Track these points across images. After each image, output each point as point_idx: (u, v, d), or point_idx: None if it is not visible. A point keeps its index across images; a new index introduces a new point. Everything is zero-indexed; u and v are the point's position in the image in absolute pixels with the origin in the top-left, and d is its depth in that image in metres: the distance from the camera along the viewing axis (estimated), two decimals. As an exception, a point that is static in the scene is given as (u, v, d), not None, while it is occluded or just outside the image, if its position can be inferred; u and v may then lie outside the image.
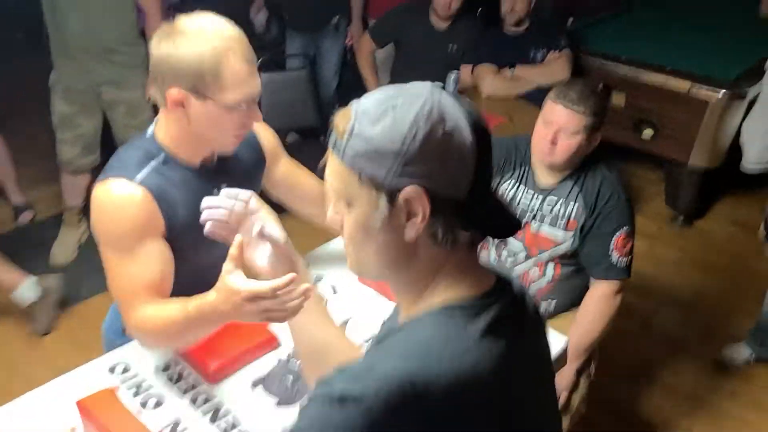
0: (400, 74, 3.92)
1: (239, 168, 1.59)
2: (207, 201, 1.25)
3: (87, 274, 3.29)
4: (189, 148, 1.47)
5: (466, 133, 0.83)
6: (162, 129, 1.48)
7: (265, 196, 1.72)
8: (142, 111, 3.21)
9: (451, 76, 3.46)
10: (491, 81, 3.51)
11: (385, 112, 0.84)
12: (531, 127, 2.17)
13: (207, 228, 1.24)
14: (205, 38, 1.33)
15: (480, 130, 0.85)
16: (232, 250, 1.16)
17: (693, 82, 3.36)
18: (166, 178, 1.45)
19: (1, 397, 1.45)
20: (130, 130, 3.22)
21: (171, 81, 1.36)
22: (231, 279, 1.17)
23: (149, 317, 1.38)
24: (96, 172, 3.29)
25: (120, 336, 1.71)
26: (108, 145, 3.36)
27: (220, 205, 1.24)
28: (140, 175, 1.42)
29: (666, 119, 3.49)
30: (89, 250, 3.39)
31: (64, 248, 3.39)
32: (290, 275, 1.14)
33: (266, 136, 1.69)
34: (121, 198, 1.40)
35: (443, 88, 0.87)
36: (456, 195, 0.84)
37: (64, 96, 3.10)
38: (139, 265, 1.41)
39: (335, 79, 4.31)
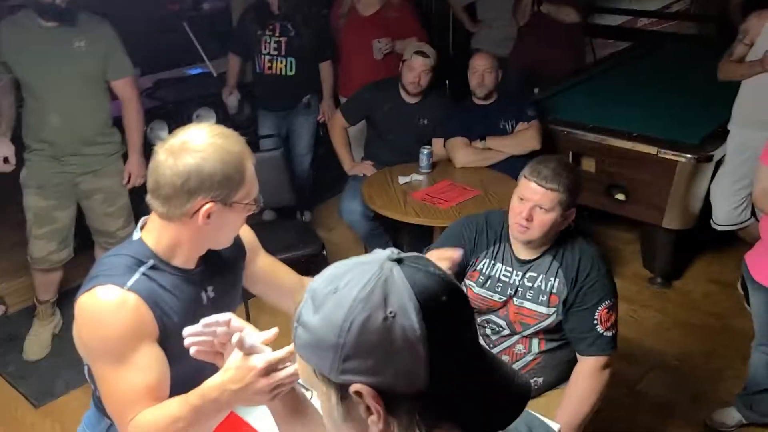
0: (372, 149, 3.97)
1: (224, 266, 1.58)
2: (188, 330, 1.24)
3: (61, 369, 3.20)
4: (188, 253, 1.46)
5: (412, 317, 0.72)
6: (153, 235, 1.45)
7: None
8: (120, 197, 3.21)
9: (424, 151, 3.51)
10: (463, 153, 3.56)
11: (327, 297, 0.76)
12: (505, 198, 2.19)
13: (192, 352, 1.24)
14: (224, 148, 1.37)
15: (433, 309, 0.73)
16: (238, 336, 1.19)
17: (659, 147, 3.42)
18: (156, 283, 1.42)
19: None
20: (107, 217, 3.21)
21: (201, 194, 1.36)
22: (243, 357, 1.19)
23: (149, 422, 1.34)
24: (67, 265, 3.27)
25: None
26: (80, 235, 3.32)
27: (203, 331, 1.23)
28: (130, 282, 1.38)
29: (636, 183, 3.54)
30: (62, 343, 3.31)
31: (37, 343, 3.29)
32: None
33: (245, 231, 1.68)
34: (111, 304, 1.36)
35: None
36: (413, 389, 0.73)
37: (39, 192, 3.06)
38: (136, 373, 1.36)
39: (309, 155, 4.35)
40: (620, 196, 3.64)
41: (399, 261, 0.77)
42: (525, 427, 0.90)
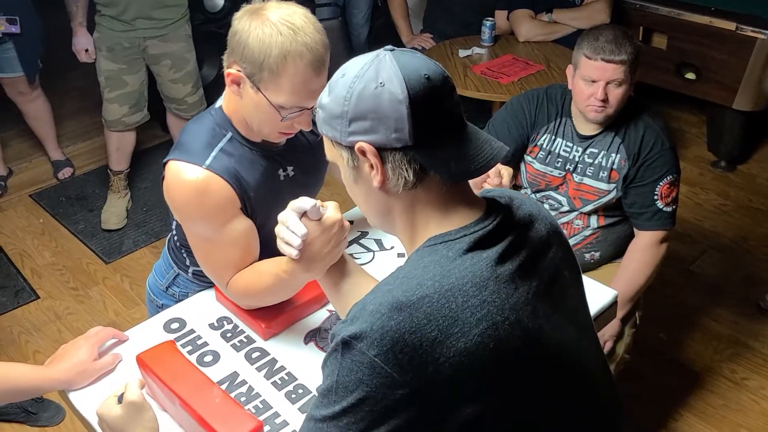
0: (432, 20, 3.85)
1: (307, 147, 1.58)
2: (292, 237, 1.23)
3: (128, 233, 3.37)
4: (243, 125, 1.45)
5: (397, 86, 0.90)
6: (226, 101, 1.46)
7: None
8: (187, 63, 3.25)
9: (486, 23, 3.39)
10: (528, 26, 3.43)
11: (336, 81, 0.96)
12: (571, 74, 2.13)
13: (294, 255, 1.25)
14: (279, 34, 1.29)
15: (416, 80, 0.91)
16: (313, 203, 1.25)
17: (738, 23, 3.24)
18: (234, 158, 1.43)
19: (53, 350, 1.49)
20: (174, 84, 3.26)
21: (235, 58, 1.35)
22: (317, 224, 1.24)
23: (244, 288, 1.46)
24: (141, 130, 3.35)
25: (162, 296, 1.74)
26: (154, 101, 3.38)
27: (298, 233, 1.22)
28: (208, 160, 1.40)
29: (709, 61, 3.39)
30: (132, 212, 3.46)
31: (116, 213, 3.41)
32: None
33: None
34: (192, 186, 1.39)
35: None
36: (400, 142, 0.92)
37: (109, 56, 3.11)
38: (225, 245, 1.43)
39: (366, 27, 4.24)
40: (690, 75, 3.50)
41: (392, 50, 0.95)
42: (535, 207, 1.05)
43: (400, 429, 0.87)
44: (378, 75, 0.92)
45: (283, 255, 1.29)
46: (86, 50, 3.15)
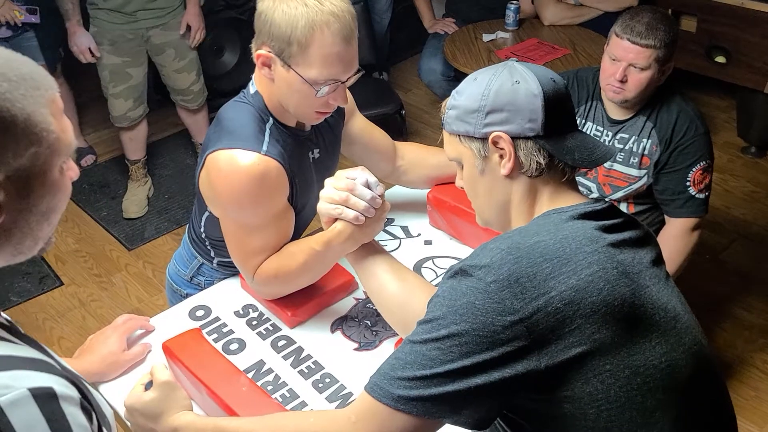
0: (455, 4, 3.80)
1: (328, 128, 1.56)
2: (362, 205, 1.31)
3: (150, 220, 3.37)
4: (279, 110, 1.42)
5: (532, 83, 1.01)
6: (259, 84, 1.43)
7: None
8: (189, 51, 3.22)
9: (511, 7, 3.34)
10: (553, 9, 3.38)
11: (469, 84, 1.06)
12: (595, 57, 2.09)
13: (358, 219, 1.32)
14: (304, 5, 1.26)
15: (545, 81, 1.02)
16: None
17: (772, 4, 3.16)
18: (280, 143, 1.41)
19: (78, 336, 1.48)
20: (178, 74, 3.23)
21: (263, 39, 1.32)
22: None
23: (276, 269, 1.43)
24: (149, 120, 3.34)
25: (186, 286, 1.72)
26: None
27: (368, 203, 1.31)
28: (264, 146, 1.37)
29: (741, 44, 3.31)
30: (154, 202, 3.46)
31: (136, 202, 3.41)
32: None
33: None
34: (252, 172, 1.34)
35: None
36: (533, 132, 1.01)
37: (112, 50, 3.06)
38: (269, 232, 1.42)
39: (389, 12, 4.18)
40: (720, 59, 3.42)
41: (516, 60, 1.07)
42: None
43: (503, 360, 0.89)
44: (512, 75, 1.02)
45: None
46: (89, 48, 3.04)
